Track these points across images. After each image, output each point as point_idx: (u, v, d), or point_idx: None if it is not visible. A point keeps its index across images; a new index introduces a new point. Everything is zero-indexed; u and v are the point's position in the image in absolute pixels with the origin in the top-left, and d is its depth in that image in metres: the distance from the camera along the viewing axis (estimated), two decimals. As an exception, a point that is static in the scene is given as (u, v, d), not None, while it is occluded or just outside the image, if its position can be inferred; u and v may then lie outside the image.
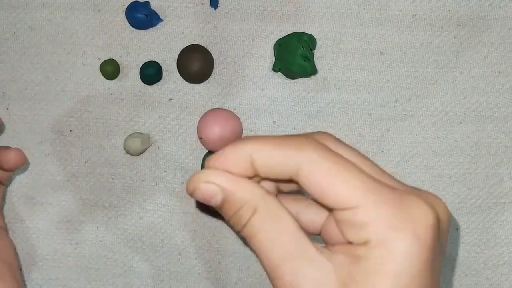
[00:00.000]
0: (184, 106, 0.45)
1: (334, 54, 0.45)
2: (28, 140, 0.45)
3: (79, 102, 0.45)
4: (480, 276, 0.44)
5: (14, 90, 0.45)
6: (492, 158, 0.44)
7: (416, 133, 0.45)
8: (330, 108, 0.45)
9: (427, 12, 0.45)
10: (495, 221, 0.44)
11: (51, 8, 0.46)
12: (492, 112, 0.45)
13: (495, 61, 0.45)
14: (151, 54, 0.45)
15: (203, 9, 0.46)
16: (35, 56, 0.46)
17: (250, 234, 0.26)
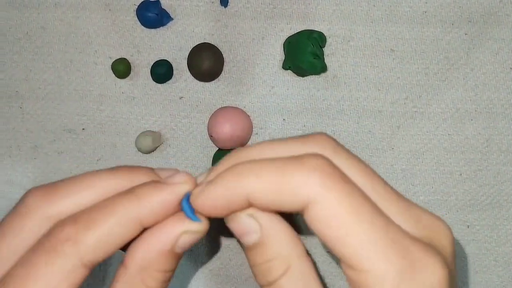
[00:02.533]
0: (194, 104, 0.45)
1: (344, 52, 0.45)
2: (41, 139, 0.46)
3: (91, 100, 0.46)
4: (491, 273, 0.43)
5: (27, 89, 0.46)
6: (503, 155, 0.44)
7: (426, 130, 0.45)
8: (340, 105, 0.45)
9: (438, 8, 0.45)
10: (506, 218, 0.44)
11: (63, 8, 0.46)
12: (504, 109, 0.44)
13: (507, 57, 0.45)
14: (161, 52, 0.46)
15: (213, 7, 0.46)
16: (48, 56, 0.46)
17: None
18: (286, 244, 0.22)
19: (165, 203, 0.23)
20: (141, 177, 0.24)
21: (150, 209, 0.23)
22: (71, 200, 0.23)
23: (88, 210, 0.22)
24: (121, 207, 0.22)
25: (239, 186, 0.22)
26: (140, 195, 0.23)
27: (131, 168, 0.24)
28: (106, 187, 0.23)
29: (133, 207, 0.22)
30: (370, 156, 0.45)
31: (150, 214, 0.23)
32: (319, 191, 0.21)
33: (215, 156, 0.44)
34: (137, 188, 0.23)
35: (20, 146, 0.46)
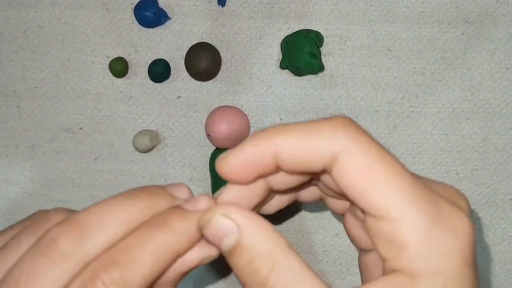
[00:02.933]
0: (192, 103, 0.46)
1: (341, 51, 0.45)
2: (39, 138, 0.46)
3: (88, 100, 0.46)
4: (487, 272, 0.44)
5: (25, 89, 0.46)
6: (499, 154, 0.44)
7: (423, 130, 0.45)
8: (337, 105, 0.45)
9: (435, 8, 0.45)
10: (502, 217, 0.44)
11: (61, 7, 0.46)
12: (500, 109, 0.45)
13: (503, 57, 0.45)
14: (159, 52, 0.46)
15: (210, 7, 0.46)
16: (45, 55, 0.46)
17: None
18: (267, 240, 0.21)
19: (196, 231, 0.23)
20: (160, 202, 0.23)
21: (184, 239, 0.23)
22: (101, 236, 0.22)
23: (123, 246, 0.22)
24: (158, 241, 0.22)
25: (267, 144, 0.22)
26: (174, 227, 0.22)
27: (147, 192, 0.24)
28: (130, 217, 0.23)
29: (169, 240, 0.22)
30: (367, 155, 0.45)
31: (186, 244, 0.23)
32: (347, 144, 0.21)
33: (213, 155, 0.45)
34: (168, 219, 0.23)
35: (17, 145, 0.46)
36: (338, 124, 0.21)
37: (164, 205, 0.23)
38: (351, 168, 0.21)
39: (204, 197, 0.24)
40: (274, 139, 0.22)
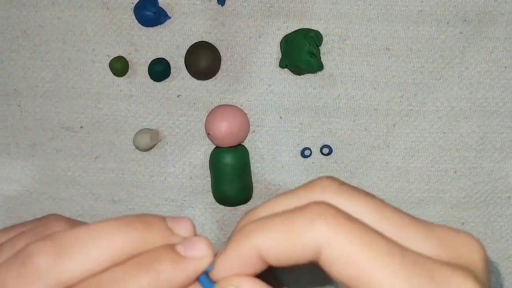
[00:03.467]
0: (192, 102, 0.46)
1: (340, 50, 0.46)
2: (40, 137, 0.46)
3: (89, 98, 0.46)
4: (485, 269, 0.44)
5: (25, 87, 0.46)
6: (497, 152, 0.45)
7: (422, 128, 0.45)
8: (336, 103, 0.45)
9: (433, 7, 0.45)
10: (500, 215, 0.44)
11: (61, 6, 0.46)
12: (498, 107, 0.45)
13: (501, 56, 0.45)
14: (159, 51, 0.46)
15: (210, 6, 0.46)
16: (46, 54, 0.46)
17: None
18: None
19: (185, 279, 0.22)
20: (155, 236, 0.23)
21: (169, 286, 0.22)
22: (81, 261, 0.21)
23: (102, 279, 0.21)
24: (138, 282, 0.21)
25: (248, 246, 0.22)
26: (160, 271, 0.21)
27: (144, 222, 0.23)
28: (118, 247, 0.22)
29: (151, 283, 0.21)
30: (366, 154, 0.45)
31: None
32: (327, 234, 0.21)
33: (213, 154, 0.45)
34: (157, 261, 0.22)
35: (18, 144, 0.46)
36: (315, 214, 0.21)
37: (159, 239, 0.22)
38: (335, 261, 0.21)
39: (202, 242, 0.23)
40: (254, 240, 0.22)
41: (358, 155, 0.45)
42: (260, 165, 0.46)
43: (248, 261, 0.22)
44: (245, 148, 0.45)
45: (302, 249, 0.21)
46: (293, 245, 0.21)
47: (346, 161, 0.45)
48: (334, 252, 0.21)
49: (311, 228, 0.21)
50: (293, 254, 0.21)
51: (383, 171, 0.45)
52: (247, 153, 0.45)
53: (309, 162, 0.45)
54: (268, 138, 0.45)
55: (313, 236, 0.21)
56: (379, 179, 0.45)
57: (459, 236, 0.22)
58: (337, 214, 0.21)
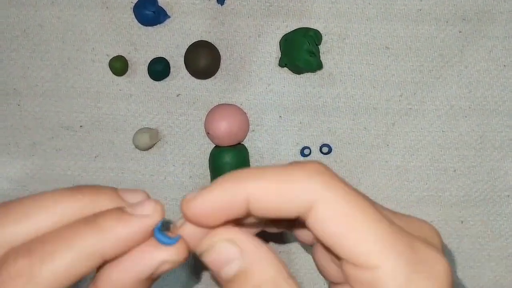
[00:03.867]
0: (191, 101, 0.46)
1: (339, 49, 0.46)
2: (39, 136, 0.46)
3: (88, 98, 0.46)
4: (484, 268, 0.44)
5: (25, 87, 0.46)
6: (496, 151, 0.45)
7: (421, 127, 0.45)
8: (335, 102, 0.45)
9: (432, 6, 0.45)
10: (499, 213, 0.44)
11: (60, 5, 0.46)
12: (497, 106, 0.45)
13: (500, 55, 0.45)
14: (158, 50, 0.46)
15: (209, 5, 0.46)
16: (45, 53, 0.46)
17: None
18: (271, 268, 0.21)
19: (131, 236, 0.21)
20: (104, 201, 0.22)
21: (114, 243, 0.21)
22: (26, 224, 0.21)
23: (44, 239, 0.20)
24: (81, 239, 0.20)
25: (239, 189, 0.21)
26: (104, 227, 0.21)
27: (93, 189, 0.22)
28: (65, 210, 0.21)
29: (95, 240, 0.20)
30: (366, 152, 0.45)
31: (114, 248, 0.21)
32: (322, 192, 0.20)
33: (212, 153, 0.45)
34: (100, 218, 0.21)
35: (18, 143, 0.46)
36: (312, 171, 0.21)
37: (108, 206, 0.22)
38: (327, 217, 0.20)
39: (150, 202, 0.22)
40: (246, 185, 0.21)
41: (357, 154, 0.45)
42: (259, 164, 0.46)
43: (234, 206, 0.21)
44: (244, 147, 0.45)
45: (294, 202, 0.21)
46: (285, 196, 0.21)
47: (345, 160, 0.45)
48: (327, 208, 0.20)
49: (307, 182, 0.21)
50: (283, 206, 0.21)
51: (383, 170, 0.45)
52: (247, 152, 0.45)
53: (309, 161, 0.45)
54: (267, 137, 0.46)
55: (308, 190, 0.20)
56: (378, 178, 0.45)
57: (419, 222, 0.23)
58: (333, 175, 0.21)
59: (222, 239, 0.21)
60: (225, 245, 0.21)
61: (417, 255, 0.21)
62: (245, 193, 0.21)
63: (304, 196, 0.20)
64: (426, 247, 0.21)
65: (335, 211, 0.20)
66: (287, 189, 0.21)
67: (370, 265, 0.20)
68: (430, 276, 0.21)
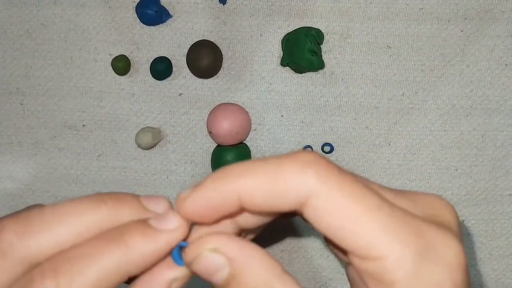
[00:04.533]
0: (193, 100, 0.46)
1: (341, 48, 0.46)
2: (42, 135, 0.46)
3: (91, 97, 0.46)
4: (486, 266, 0.44)
5: (28, 86, 0.46)
6: (498, 150, 0.45)
7: (423, 126, 0.45)
8: (337, 101, 0.46)
9: (434, 5, 0.46)
10: (501, 212, 0.44)
11: (63, 5, 0.46)
12: (499, 105, 0.45)
13: (502, 54, 0.45)
14: (161, 49, 0.46)
15: (211, 4, 0.46)
16: (48, 53, 0.46)
17: None
18: (262, 268, 0.20)
19: (157, 252, 0.21)
20: (127, 211, 0.21)
21: (140, 259, 0.20)
22: (48, 236, 0.20)
23: (69, 256, 0.20)
24: (108, 257, 0.20)
25: (231, 186, 0.20)
26: (130, 243, 0.20)
27: (115, 199, 0.21)
28: (88, 223, 0.21)
29: (121, 257, 0.20)
30: (367, 151, 0.45)
31: (140, 265, 0.21)
32: (317, 184, 0.20)
33: (214, 152, 0.45)
34: (126, 234, 0.20)
35: (21, 142, 0.46)
36: (305, 162, 0.20)
37: (130, 216, 0.21)
38: (324, 211, 0.20)
39: (175, 216, 0.21)
40: (238, 181, 0.20)
41: (359, 153, 0.45)
42: (261, 163, 0.46)
43: (226, 203, 0.21)
44: (246, 146, 0.45)
45: (288, 196, 0.20)
46: (279, 191, 0.20)
47: (347, 159, 0.45)
48: (322, 202, 0.20)
49: (301, 175, 0.20)
50: (278, 201, 0.20)
51: (384, 169, 0.45)
52: (249, 151, 0.45)
53: (311, 160, 0.45)
54: (269, 136, 0.46)
55: (302, 184, 0.20)
56: (380, 177, 0.45)
57: (429, 197, 0.22)
58: (328, 164, 0.20)
59: (206, 248, 0.20)
60: (210, 254, 0.20)
61: (426, 240, 0.20)
62: (236, 191, 0.20)
63: (298, 191, 0.20)
64: (435, 229, 0.20)
65: (331, 204, 0.20)
66: (279, 185, 0.20)
67: (375, 256, 0.19)
68: (440, 261, 0.20)
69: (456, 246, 0.20)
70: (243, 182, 0.20)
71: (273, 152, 0.46)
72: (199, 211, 0.21)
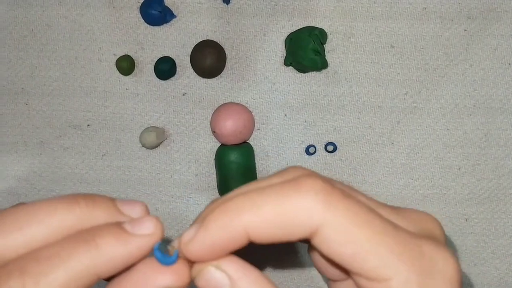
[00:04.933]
0: (197, 100, 0.46)
1: (344, 48, 0.46)
2: (47, 135, 0.47)
3: (96, 97, 0.46)
4: (488, 265, 0.44)
5: (33, 86, 0.47)
6: (501, 149, 0.45)
7: (426, 125, 0.45)
8: (340, 101, 0.46)
9: (437, 5, 0.46)
10: (504, 211, 0.44)
11: (68, 5, 0.47)
12: (502, 104, 0.45)
13: (505, 53, 0.45)
14: (165, 49, 0.46)
15: (215, 4, 0.46)
16: (53, 53, 0.47)
17: None
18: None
19: (128, 256, 0.20)
20: (101, 213, 0.21)
21: (110, 262, 0.20)
22: (18, 236, 0.20)
23: (38, 256, 0.19)
24: (77, 258, 0.20)
25: (235, 223, 0.20)
26: (101, 245, 0.20)
27: (89, 200, 0.21)
28: (60, 223, 0.20)
29: (91, 259, 0.20)
30: (370, 151, 0.45)
31: (110, 268, 0.20)
32: (325, 213, 0.20)
33: (218, 152, 0.45)
34: (97, 236, 0.20)
35: (26, 142, 0.47)
36: (310, 191, 0.20)
37: (104, 218, 0.21)
38: (333, 240, 0.20)
39: (150, 220, 0.21)
40: (242, 217, 0.20)
41: (362, 152, 0.45)
42: (265, 162, 0.46)
43: (233, 240, 0.20)
44: (250, 145, 0.45)
45: (296, 228, 0.20)
46: (287, 224, 0.20)
47: (350, 158, 0.45)
48: (332, 232, 0.20)
49: (307, 206, 0.20)
50: (286, 232, 0.20)
51: (387, 168, 0.45)
52: (252, 150, 0.45)
53: (314, 159, 0.46)
54: (273, 135, 0.46)
55: (310, 215, 0.20)
56: (383, 176, 0.45)
57: (418, 213, 0.23)
58: (333, 191, 0.20)
59: (210, 264, 0.21)
60: (213, 271, 0.21)
61: (426, 259, 0.21)
62: (242, 226, 0.20)
63: (306, 222, 0.20)
64: (433, 246, 0.21)
65: (340, 233, 0.20)
66: (287, 218, 0.20)
67: (382, 279, 0.20)
68: (441, 278, 0.21)
69: (454, 263, 0.21)
70: (249, 218, 0.20)
71: (277, 152, 0.46)
72: (206, 252, 0.21)
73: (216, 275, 0.21)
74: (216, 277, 0.21)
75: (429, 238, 0.22)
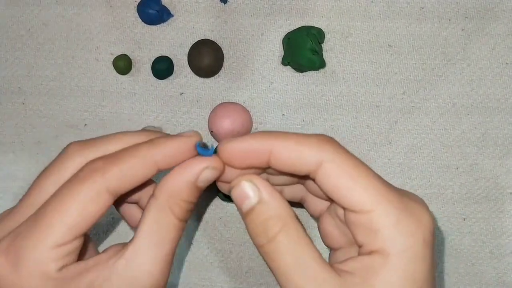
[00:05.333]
0: (195, 100, 0.46)
1: (342, 47, 0.46)
2: (44, 134, 0.46)
3: (93, 96, 0.46)
4: (486, 265, 0.44)
5: (29, 86, 0.47)
6: (499, 149, 0.45)
7: (423, 125, 0.45)
8: (338, 100, 0.46)
9: (435, 4, 0.46)
10: (501, 211, 0.44)
11: (64, 4, 0.47)
12: (500, 104, 0.45)
13: (503, 52, 0.45)
14: (162, 49, 0.46)
15: (213, 4, 0.46)
16: (50, 52, 0.47)
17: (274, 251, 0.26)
18: (281, 206, 0.26)
19: (177, 149, 0.28)
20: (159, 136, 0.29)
21: (164, 154, 0.28)
22: (102, 148, 0.29)
23: (115, 152, 0.28)
24: (141, 151, 0.27)
25: (265, 142, 0.27)
26: (157, 143, 0.28)
27: (151, 131, 0.31)
28: (131, 141, 0.29)
29: (151, 151, 0.27)
30: (368, 150, 0.45)
31: (165, 158, 0.28)
32: (330, 154, 0.26)
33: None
34: (155, 138, 0.29)
35: (23, 142, 0.46)
36: (324, 138, 0.27)
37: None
38: (334, 173, 0.26)
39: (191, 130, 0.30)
40: (270, 140, 0.27)
41: (360, 152, 0.45)
42: (263, 162, 0.46)
43: (259, 154, 0.27)
44: (248, 145, 0.45)
45: (306, 159, 0.26)
46: (300, 153, 0.26)
47: (348, 158, 0.45)
48: (333, 167, 0.26)
49: (319, 145, 0.26)
50: (298, 161, 0.26)
51: (385, 168, 0.45)
52: (250, 150, 0.45)
53: (312, 159, 0.46)
54: (270, 135, 0.46)
55: (319, 151, 0.26)
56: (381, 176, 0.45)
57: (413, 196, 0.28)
58: (340, 145, 0.27)
59: (245, 179, 0.27)
60: (247, 184, 0.26)
61: (406, 204, 0.26)
62: (269, 146, 0.27)
63: (316, 156, 0.26)
64: (414, 202, 0.27)
65: (339, 168, 0.26)
66: (302, 148, 0.26)
67: (366, 210, 0.25)
68: (415, 219, 0.26)
69: (428, 214, 0.26)
70: (276, 140, 0.27)
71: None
72: (237, 155, 0.27)
73: (248, 186, 0.26)
74: (248, 187, 0.26)
75: (412, 198, 0.27)
